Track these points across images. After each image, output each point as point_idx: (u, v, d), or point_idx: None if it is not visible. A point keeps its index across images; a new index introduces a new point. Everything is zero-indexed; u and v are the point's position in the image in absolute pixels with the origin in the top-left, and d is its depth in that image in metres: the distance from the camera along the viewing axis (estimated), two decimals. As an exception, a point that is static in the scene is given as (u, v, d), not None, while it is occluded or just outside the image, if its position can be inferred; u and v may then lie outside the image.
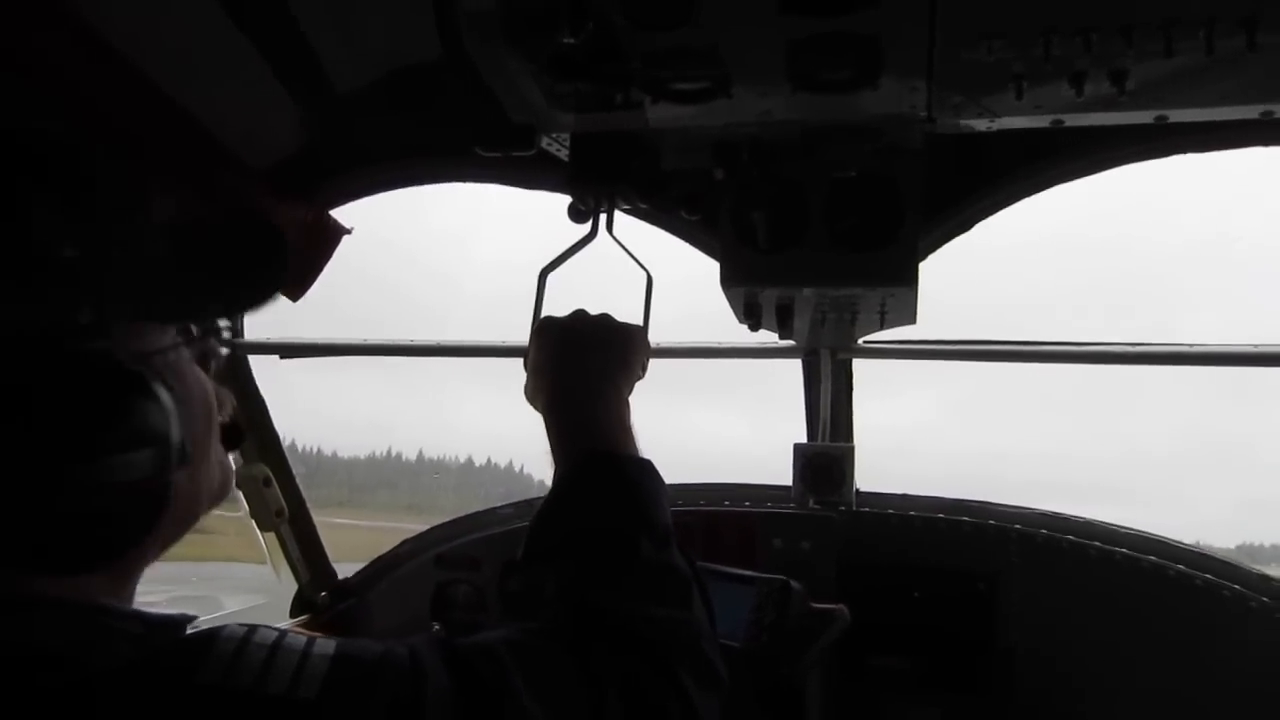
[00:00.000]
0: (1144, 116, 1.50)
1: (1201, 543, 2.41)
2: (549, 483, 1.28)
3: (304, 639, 0.86)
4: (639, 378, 1.45)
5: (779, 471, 2.70)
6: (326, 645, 0.86)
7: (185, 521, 1.02)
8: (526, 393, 1.45)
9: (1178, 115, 1.49)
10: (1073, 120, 1.52)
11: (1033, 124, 1.55)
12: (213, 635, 0.83)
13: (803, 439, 2.72)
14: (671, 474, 1.33)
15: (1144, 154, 1.87)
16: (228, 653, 0.81)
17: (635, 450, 1.30)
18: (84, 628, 0.84)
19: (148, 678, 0.79)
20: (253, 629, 0.85)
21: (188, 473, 0.95)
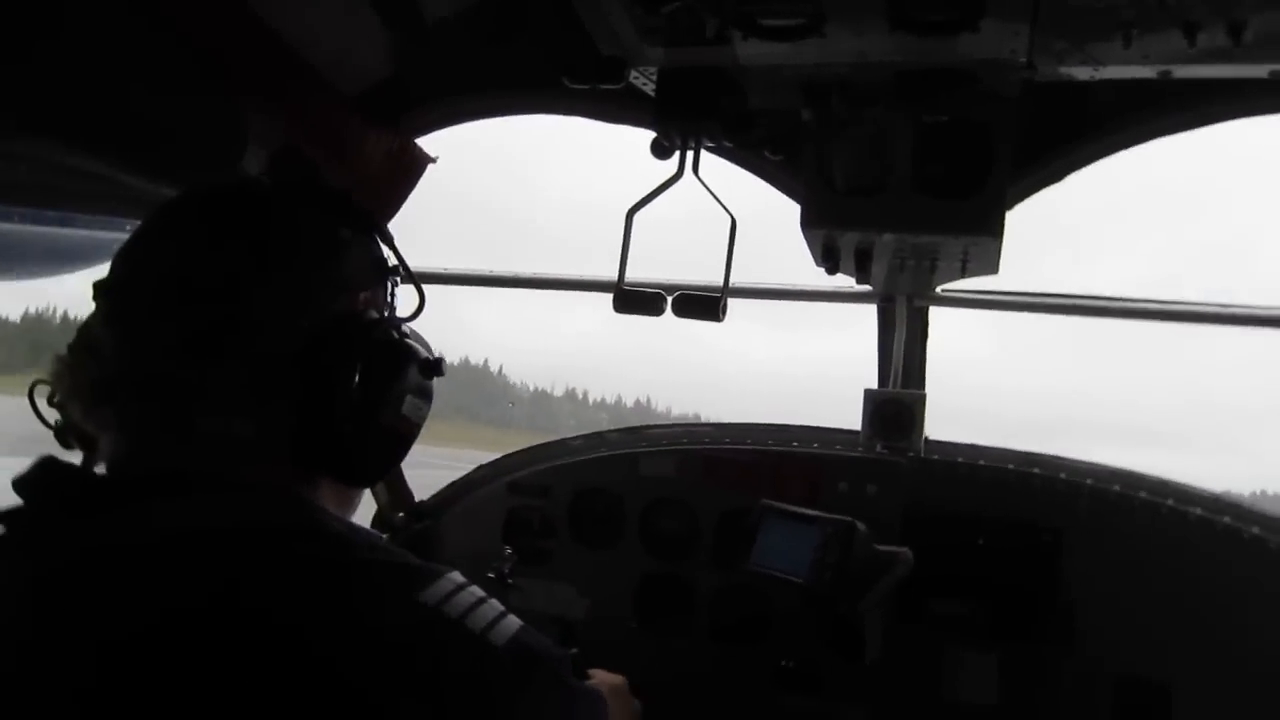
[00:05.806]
0: (1258, 71, 1.44)
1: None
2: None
3: (501, 606, 1.04)
4: None
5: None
6: (514, 619, 1.03)
7: None
8: None
9: (1293, 70, 1.43)
10: (1181, 72, 1.47)
11: (1138, 74, 1.49)
12: (441, 571, 1.02)
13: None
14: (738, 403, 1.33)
15: (1252, 110, 1.78)
16: (448, 589, 0.99)
17: None
18: (344, 524, 1.06)
19: (396, 575, 0.98)
20: (469, 582, 1.04)
21: None
